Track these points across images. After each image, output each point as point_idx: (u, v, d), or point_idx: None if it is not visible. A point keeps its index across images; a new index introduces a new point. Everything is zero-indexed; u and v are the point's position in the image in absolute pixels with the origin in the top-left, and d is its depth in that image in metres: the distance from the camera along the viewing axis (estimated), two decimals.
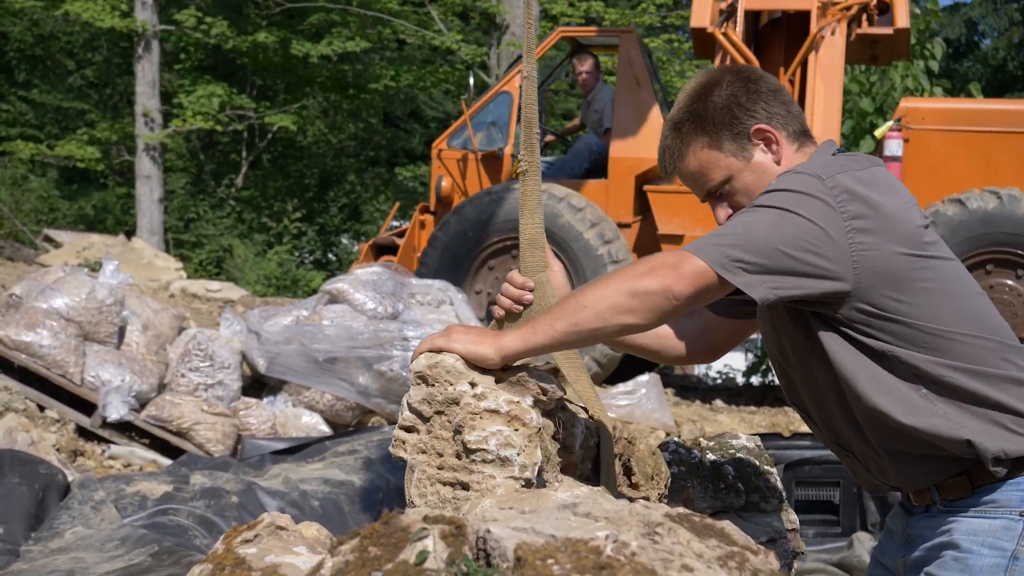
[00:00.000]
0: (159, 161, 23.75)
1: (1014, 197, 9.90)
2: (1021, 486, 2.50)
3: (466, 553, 1.94)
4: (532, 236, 2.74)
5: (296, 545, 2.23)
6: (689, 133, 2.72)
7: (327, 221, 29.30)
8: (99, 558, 5.39)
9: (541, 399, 2.42)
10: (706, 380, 17.73)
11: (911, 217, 2.51)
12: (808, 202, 2.43)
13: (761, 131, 2.67)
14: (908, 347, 2.49)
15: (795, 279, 2.41)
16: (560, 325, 2.40)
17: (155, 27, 23.54)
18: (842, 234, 2.42)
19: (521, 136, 2.78)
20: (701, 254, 2.39)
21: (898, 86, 15.88)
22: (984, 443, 2.48)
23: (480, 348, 2.43)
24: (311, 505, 6.44)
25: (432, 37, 24.45)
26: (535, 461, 2.33)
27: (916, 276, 2.47)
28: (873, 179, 2.51)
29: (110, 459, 7.75)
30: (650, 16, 23.69)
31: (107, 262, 8.66)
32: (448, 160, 11.90)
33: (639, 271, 2.40)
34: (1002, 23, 33.99)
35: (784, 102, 2.71)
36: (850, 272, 2.43)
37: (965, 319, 2.51)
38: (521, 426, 2.36)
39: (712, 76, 2.76)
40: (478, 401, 2.37)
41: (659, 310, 2.40)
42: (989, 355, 2.50)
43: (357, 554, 1.98)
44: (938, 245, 2.56)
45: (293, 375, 8.35)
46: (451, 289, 9.27)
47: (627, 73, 11.52)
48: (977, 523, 2.54)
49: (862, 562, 6.20)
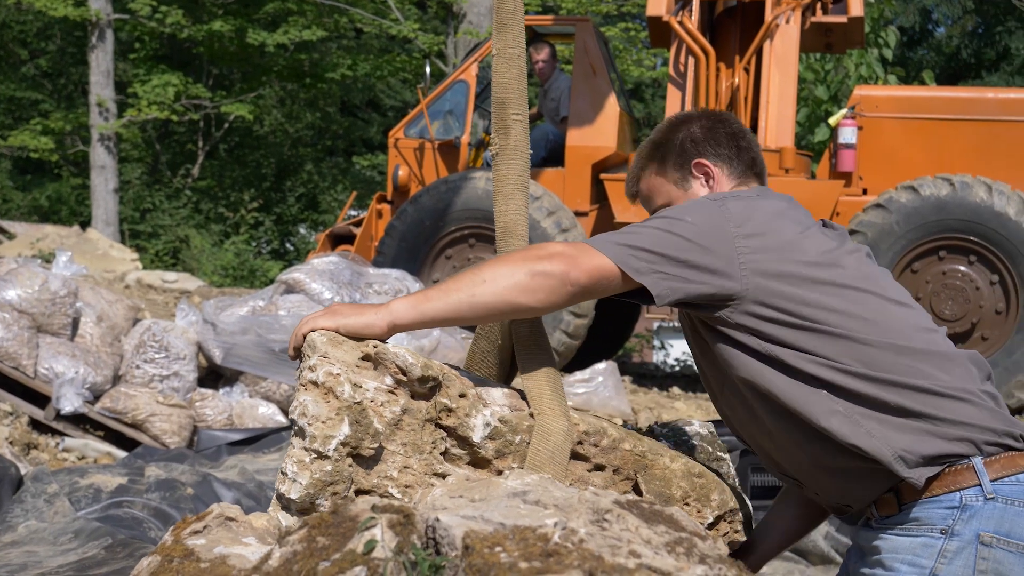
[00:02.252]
0: (114, 151, 23.59)
1: (966, 184, 9.98)
2: (944, 503, 2.50)
3: (414, 542, 1.94)
4: (507, 224, 2.71)
5: (246, 536, 2.23)
6: (645, 158, 2.90)
7: (284, 211, 29.19)
8: (52, 551, 5.36)
9: (400, 378, 2.39)
10: (664, 367, 17.79)
11: (803, 245, 2.56)
12: (697, 214, 2.54)
13: (701, 165, 2.82)
14: (806, 351, 2.51)
15: (686, 271, 2.48)
16: (456, 296, 2.42)
17: (109, 16, 23.36)
18: (728, 239, 2.50)
19: (492, 119, 2.76)
20: (600, 247, 2.49)
21: (852, 74, 16.00)
22: (884, 444, 2.49)
23: (364, 317, 2.42)
24: (267, 496, 6.42)
25: (389, 26, 24.36)
26: (330, 434, 2.29)
27: (809, 277, 2.52)
28: (768, 207, 2.61)
29: (64, 452, 7.70)
30: (607, 5, 23.69)
31: (60, 253, 8.59)
32: (405, 149, 11.88)
33: (539, 254, 2.46)
34: (955, 11, 34.22)
35: (738, 146, 2.85)
36: (737, 272, 2.49)
37: (865, 322, 2.52)
38: (334, 399, 2.33)
39: (686, 115, 2.93)
40: (309, 373, 2.34)
41: (556, 294, 2.44)
42: (889, 360, 2.51)
43: (305, 544, 1.98)
44: (841, 260, 2.59)
45: (249, 366, 8.31)
46: (408, 278, 9.25)
47: (583, 62, 11.54)
48: (900, 540, 2.54)
49: (817, 547, 6.24)
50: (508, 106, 2.72)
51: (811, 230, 2.61)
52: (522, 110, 2.75)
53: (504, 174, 2.71)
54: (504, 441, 2.49)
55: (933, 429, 2.50)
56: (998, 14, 33.49)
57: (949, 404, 2.51)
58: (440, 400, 2.43)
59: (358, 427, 2.31)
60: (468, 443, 2.47)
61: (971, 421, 2.51)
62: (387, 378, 2.39)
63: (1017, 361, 9.89)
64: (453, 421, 2.45)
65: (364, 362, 2.39)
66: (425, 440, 2.42)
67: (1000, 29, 33.30)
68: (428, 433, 2.42)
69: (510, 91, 2.73)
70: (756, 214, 2.56)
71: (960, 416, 2.50)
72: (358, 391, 2.33)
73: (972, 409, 2.52)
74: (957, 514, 2.50)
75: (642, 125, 29.73)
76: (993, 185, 9.96)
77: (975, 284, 10.06)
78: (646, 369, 15.58)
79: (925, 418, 2.50)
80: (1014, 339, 9.98)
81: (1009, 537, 2.49)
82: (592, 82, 11.40)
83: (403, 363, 2.39)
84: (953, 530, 2.50)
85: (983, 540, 2.49)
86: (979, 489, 2.50)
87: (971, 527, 2.49)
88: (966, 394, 2.52)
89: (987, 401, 2.55)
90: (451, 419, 2.45)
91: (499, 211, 2.71)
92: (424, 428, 2.42)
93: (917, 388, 2.50)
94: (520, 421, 2.52)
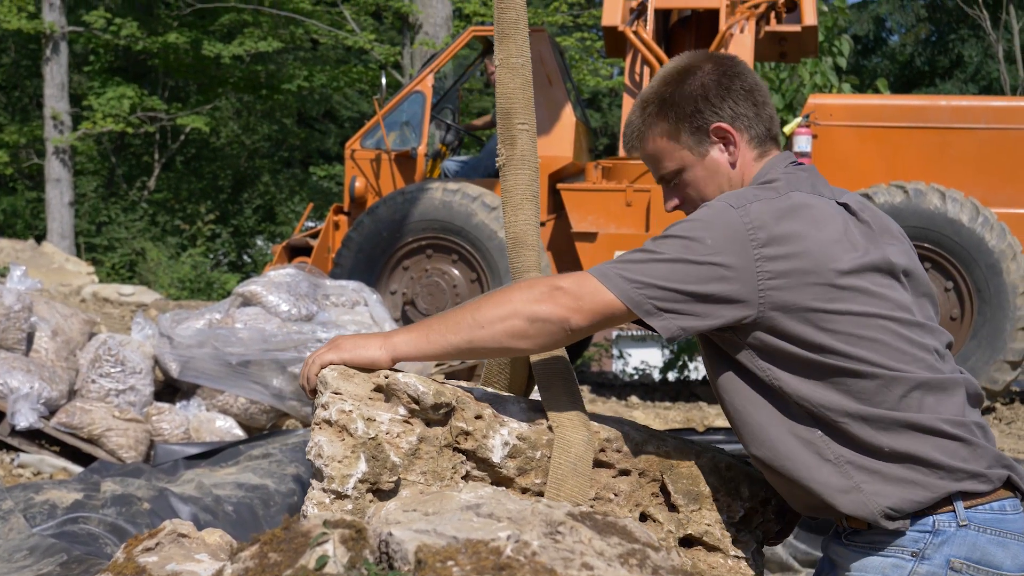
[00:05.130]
0: (69, 164, 23.43)
1: (920, 191, 10.06)
2: (916, 527, 2.49)
3: (367, 557, 1.94)
4: (517, 234, 2.68)
5: (198, 552, 2.22)
6: (652, 116, 2.67)
7: (241, 223, 29.08)
8: (7, 569, 5.31)
9: (413, 408, 2.39)
10: (622, 376, 17.82)
11: (831, 252, 2.44)
12: (716, 230, 2.41)
13: (721, 130, 2.63)
14: (806, 381, 2.46)
15: (700, 305, 2.40)
16: (455, 340, 2.40)
17: (63, 28, 23.21)
18: (749, 261, 2.39)
19: (498, 129, 2.72)
20: (608, 283, 2.39)
21: (807, 83, 16.07)
22: (872, 502, 2.46)
23: (368, 352, 2.42)
24: (225, 510, 6.38)
25: (345, 37, 24.33)
26: (348, 473, 2.29)
27: (825, 306, 2.42)
28: (794, 209, 2.46)
29: (19, 468, 7.62)
30: (562, 15, 23.77)
31: (14, 267, 8.52)
32: (361, 160, 11.86)
33: (538, 293, 2.40)
34: (909, 19, 34.50)
35: (756, 103, 2.66)
36: (755, 297, 2.40)
37: (875, 352, 2.45)
38: (348, 436, 2.32)
39: (691, 61, 2.69)
40: (322, 411, 2.34)
41: (554, 339, 2.42)
42: (891, 392, 2.45)
43: (257, 560, 1.97)
44: (866, 278, 2.47)
45: (206, 379, 8.27)
46: (365, 290, 9.23)
47: (539, 72, 11.53)
48: (871, 559, 2.53)
49: (776, 555, 6.26)
50: (514, 116, 2.70)
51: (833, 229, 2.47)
52: (528, 119, 2.71)
53: (512, 184, 2.69)
54: (525, 458, 2.48)
55: (923, 479, 2.47)
56: (951, 22, 33.82)
57: (943, 444, 2.47)
58: (456, 424, 2.43)
59: (375, 462, 2.31)
60: (488, 464, 2.46)
61: (962, 466, 2.48)
62: (400, 408, 2.38)
63: (972, 367, 9.96)
64: (471, 444, 2.44)
65: (376, 393, 2.39)
66: (445, 466, 2.41)
67: (953, 37, 33.62)
68: (447, 459, 2.42)
69: (515, 101, 2.70)
70: (782, 223, 2.43)
71: (952, 459, 2.47)
72: (372, 426, 2.33)
73: (964, 450, 2.49)
74: (929, 538, 2.49)
75: (599, 135, 29.81)
76: (947, 192, 10.04)
77: None
78: (605, 378, 15.60)
79: (920, 464, 2.47)
80: (968, 345, 10.06)
81: (980, 564, 2.49)
82: (548, 92, 11.42)
83: (415, 392, 2.38)
84: (924, 554, 2.49)
85: (953, 566, 2.48)
86: (952, 515, 2.48)
87: (942, 552, 2.48)
88: (960, 430, 2.49)
89: (977, 435, 2.52)
90: (469, 442, 2.44)
91: (509, 222, 2.68)
92: (442, 454, 2.41)
93: (915, 426, 2.46)
94: (539, 436, 2.51)
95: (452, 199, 10.87)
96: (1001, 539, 2.50)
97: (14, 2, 23.05)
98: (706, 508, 2.64)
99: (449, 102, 12.39)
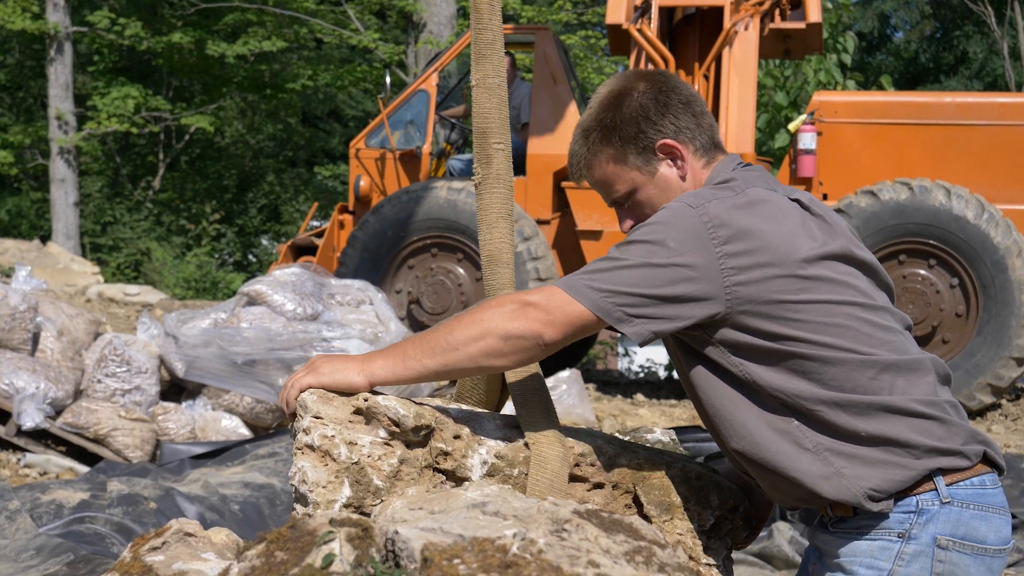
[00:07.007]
0: (74, 164, 23.44)
1: (925, 188, 10.05)
2: (900, 507, 2.52)
3: (373, 555, 1.94)
4: (492, 252, 2.70)
5: (204, 551, 2.22)
6: (596, 143, 2.70)
7: (246, 222, 29.07)
8: (14, 568, 5.32)
9: (394, 430, 2.40)
10: (628, 375, 17.82)
11: (792, 244, 2.48)
12: (678, 231, 2.45)
13: (667, 146, 2.66)
14: (778, 373, 2.49)
15: (669, 308, 2.43)
16: (430, 363, 2.43)
17: (67, 29, 23.21)
18: (712, 259, 2.43)
19: (474, 149, 2.74)
20: (577, 295, 2.42)
21: (811, 80, 16.09)
22: (854, 485, 2.49)
23: (347, 376, 2.45)
24: (231, 509, 6.39)
25: (349, 36, 24.31)
26: (332, 498, 2.30)
27: (792, 298, 2.46)
28: (751, 205, 2.51)
29: (26, 468, 7.64)
30: (566, 13, 23.73)
31: (20, 268, 8.53)
32: (366, 159, 11.86)
33: (509, 310, 2.42)
34: (913, 16, 34.47)
35: (695, 114, 2.69)
36: (722, 294, 2.44)
37: (843, 337, 2.49)
38: (331, 462, 2.34)
39: (624, 84, 2.72)
40: (304, 436, 2.35)
41: (529, 354, 2.45)
42: (862, 376, 2.49)
43: (264, 559, 1.97)
44: (828, 267, 2.51)
45: (212, 378, 8.28)
46: (371, 289, 9.24)
47: (543, 70, 11.55)
48: (858, 544, 2.56)
49: (782, 551, 6.26)
50: (489, 135, 2.71)
51: (792, 223, 2.52)
52: (504, 139, 2.73)
53: (488, 203, 2.71)
54: (503, 476, 2.50)
55: (901, 460, 2.50)
56: (956, 18, 33.76)
57: (918, 424, 2.51)
58: (436, 445, 2.45)
59: (359, 487, 2.32)
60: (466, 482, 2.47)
61: (939, 444, 2.51)
62: (380, 431, 2.40)
63: (978, 364, 9.96)
64: (451, 464, 2.46)
65: (356, 416, 2.41)
66: (425, 487, 2.42)
67: (958, 33, 33.57)
68: (427, 479, 2.43)
69: (490, 120, 2.72)
70: (741, 219, 2.47)
71: (928, 438, 2.51)
72: (354, 450, 2.34)
73: (939, 428, 2.53)
74: (914, 518, 2.52)
75: None
76: (952, 189, 10.03)
77: (935, 288, 10.13)
78: (610, 376, 15.59)
79: (896, 445, 2.50)
80: (974, 342, 10.05)
81: (965, 540, 2.53)
82: (553, 91, 11.42)
83: (395, 415, 2.40)
84: (910, 534, 2.52)
85: (940, 543, 2.52)
86: (935, 494, 2.52)
87: (928, 531, 2.52)
88: (933, 409, 2.53)
89: (950, 414, 2.56)
90: (448, 462, 2.46)
91: (484, 239, 2.70)
92: (423, 475, 2.43)
93: (889, 408, 2.50)
94: (516, 454, 2.53)
95: (457, 198, 10.88)
96: (984, 513, 2.55)
97: (18, 2, 23.04)
98: (678, 518, 2.68)
99: (453, 101, 12.39)
